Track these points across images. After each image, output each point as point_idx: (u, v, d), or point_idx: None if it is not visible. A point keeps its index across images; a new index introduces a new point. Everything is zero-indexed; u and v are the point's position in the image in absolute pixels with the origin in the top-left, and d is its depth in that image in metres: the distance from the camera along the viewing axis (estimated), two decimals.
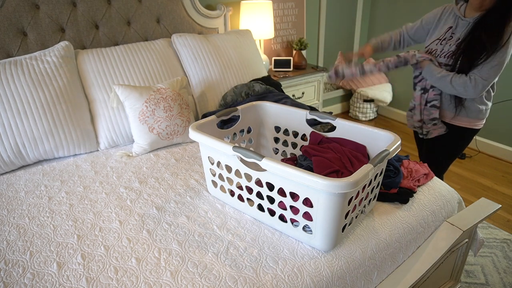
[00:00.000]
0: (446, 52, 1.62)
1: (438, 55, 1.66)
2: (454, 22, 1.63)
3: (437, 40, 1.68)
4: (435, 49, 1.68)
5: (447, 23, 1.67)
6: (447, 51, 1.62)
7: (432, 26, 1.74)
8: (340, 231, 1.06)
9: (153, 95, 1.71)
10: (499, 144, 3.01)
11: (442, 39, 1.66)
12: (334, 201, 0.96)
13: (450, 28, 1.64)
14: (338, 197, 0.95)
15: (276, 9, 2.96)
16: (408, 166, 1.43)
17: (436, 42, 1.68)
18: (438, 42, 1.67)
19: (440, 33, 1.68)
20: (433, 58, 1.65)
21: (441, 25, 1.69)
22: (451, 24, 1.64)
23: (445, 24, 1.67)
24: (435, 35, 1.71)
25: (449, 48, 1.62)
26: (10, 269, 1.03)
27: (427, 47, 1.72)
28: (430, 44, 1.71)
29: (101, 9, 2.00)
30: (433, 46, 1.69)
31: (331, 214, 0.99)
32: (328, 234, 1.03)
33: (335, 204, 0.97)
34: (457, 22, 1.62)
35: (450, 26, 1.65)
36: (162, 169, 1.56)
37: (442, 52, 1.64)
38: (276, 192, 1.08)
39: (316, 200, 0.99)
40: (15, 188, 1.44)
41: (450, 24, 1.65)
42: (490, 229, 2.17)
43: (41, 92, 1.60)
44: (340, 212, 0.99)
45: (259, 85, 2.11)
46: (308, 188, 0.98)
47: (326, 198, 0.96)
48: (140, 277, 1.00)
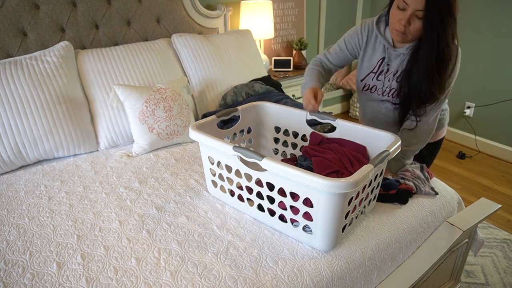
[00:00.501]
0: (389, 90, 1.45)
1: (381, 93, 1.48)
2: (385, 52, 1.42)
3: (372, 73, 1.48)
4: (373, 85, 1.49)
5: (377, 53, 1.45)
6: (389, 88, 1.45)
7: (360, 53, 1.51)
8: (340, 231, 1.06)
9: (153, 95, 1.71)
10: (499, 144, 3.01)
11: (377, 73, 1.47)
12: (334, 201, 0.96)
13: (383, 59, 1.44)
14: (338, 197, 0.95)
15: (276, 9, 2.96)
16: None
17: (371, 76, 1.49)
18: (373, 76, 1.48)
19: (371, 64, 1.48)
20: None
21: (369, 54, 1.48)
22: (383, 55, 1.43)
23: (374, 53, 1.46)
24: (365, 66, 1.50)
25: (390, 85, 1.45)
26: (10, 269, 1.03)
27: (363, 81, 1.53)
28: (365, 79, 1.51)
29: (101, 9, 2.00)
30: (369, 82, 1.50)
31: (331, 214, 0.99)
32: (328, 234, 1.03)
33: (335, 204, 0.97)
34: (388, 52, 1.41)
35: (382, 57, 1.44)
36: (162, 169, 1.56)
37: (384, 90, 1.47)
38: (276, 192, 1.08)
39: (316, 200, 0.99)
40: (15, 188, 1.44)
41: (381, 55, 1.44)
42: (490, 229, 2.17)
43: (41, 92, 1.60)
44: (340, 212, 0.99)
45: (259, 85, 2.11)
46: (308, 188, 0.98)
47: (326, 198, 0.96)
48: (140, 277, 1.00)
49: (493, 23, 2.81)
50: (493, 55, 2.87)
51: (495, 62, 2.88)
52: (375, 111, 1.56)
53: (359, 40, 1.49)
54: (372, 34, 1.46)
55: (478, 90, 3.04)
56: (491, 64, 2.90)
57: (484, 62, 2.93)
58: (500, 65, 2.86)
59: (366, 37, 1.47)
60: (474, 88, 3.05)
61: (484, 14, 2.84)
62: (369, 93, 1.53)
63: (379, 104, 1.53)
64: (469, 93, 3.09)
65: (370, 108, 1.59)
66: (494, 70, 2.90)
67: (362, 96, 1.61)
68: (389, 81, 1.45)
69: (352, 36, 1.51)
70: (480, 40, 2.92)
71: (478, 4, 2.84)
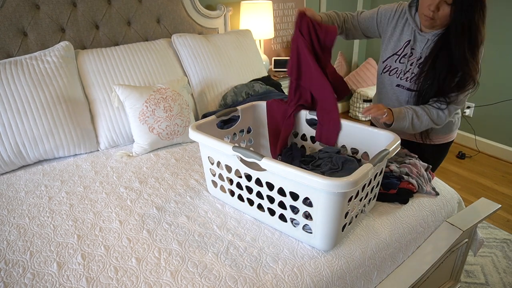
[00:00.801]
0: (410, 75, 1.45)
1: (399, 77, 1.48)
2: (411, 35, 1.44)
3: (396, 55, 1.48)
4: (395, 67, 1.49)
5: (404, 35, 1.46)
6: (410, 72, 1.45)
7: (388, 29, 1.51)
8: (340, 230, 1.06)
9: (153, 95, 1.71)
10: (499, 144, 3.01)
11: (401, 55, 1.47)
12: (334, 200, 0.96)
13: (409, 42, 1.44)
14: (338, 197, 0.96)
15: (276, 9, 2.96)
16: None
17: (394, 58, 1.49)
18: (397, 58, 1.48)
19: (397, 46, 1.48)
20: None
21: (397, 35, 1.48)
22: (409, 38, 1.44)
23: (402, 35, 1.47)
24: (391, 47, 1.50)
25: (411, 69, 1.44)
26: (10, 269, 1.04)
27: (385, 61, 1.52)
28: (388, 60, 1.51)
29: (101, 9, 2.00)
30: (391, 63, 1.50)
31: (331, 214, 0.99)
32: (328, 233, 1.03)
33: (335, 204, 0.97)
34: (414, 35, 1.43)
35: (408, 40, 1.45)
36: (162, 169, 1.56)
37: (405, 73, 1.46)
38: (276, 191, 1.08)
39: (316, 200, 0.99)
40: (15, 188, 1.44)
41: (408, 38, 1.45)
42: (490, 229, 2.17)
43: (41, 92, 1.60)
44: (340, 211, 0.99)
45: (259, 85, 2.11)
46: (308, 188, 0.98)
47: (326, 197, 0.96)
48: (140, 277, 1.00)
49: (493, 23, 2.81)
50: (493, 55, 2.87)
51: (495, 62, 2.88)
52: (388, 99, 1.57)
53: (391, 17, 1.50)
54: (404, 16, 1.47)
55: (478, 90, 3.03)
56: (491, 64, 2.90)
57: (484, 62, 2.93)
58: (500, 65, 2.86)
59: (398, 17, 1.48)
60: None
61: None
62: (388, 75, 1.53)
63: (394, 90, 1.52)
64: None
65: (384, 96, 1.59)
66: (494, 70, 2.90)
67: (379, 81, 1.60)
68: (411, 65, 1.45)
69: (386, 10, 1.52)
70: None
71: None
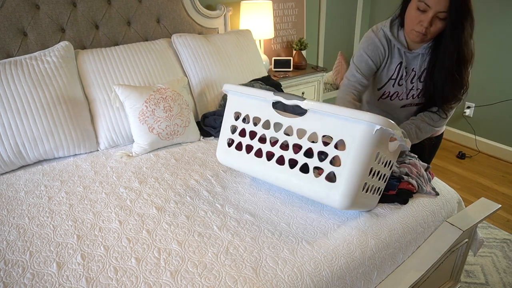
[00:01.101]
0: (415, 92, 1.45)
1: (405, 97, 1.48)
2: (401, 56, 1.42)
3: (391, 80, 1.46)
4: (395, 92, 1.48)
5: (394, 59, 1.44)
6: (414, 89, 1.45)
7: (383, 62, 1.47)
8: (362, 186, 1.04)
9: (153, 95, 1.71)
10: (499, 144, 3.01)
11: (397, 79, 1.45)
12: (368, 143, 0.99)
13: (400, 64, 1.43)
14: (372, 140, 0.99)
15: (276, 9, 2.96)
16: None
17: (391, 83, 1.47)
18: (393, 82, 1.46)
19: (390, 71, 1.46)
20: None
21: (388, 62, 1.46)
22: (399, 60, 1.43)
23: (392, 60, 1.44)
24: (384, 74, 1.48)
25: (415, 86, 1.44)
26: (10, 269, 1.04)
27: (381, 89, 1.50)
28: (385, 86, 1.48)
29: (101, 9, 2.00)
30: (389, 89, 1.48)
31: (362, 158, 1.00)
32: (352, 184, 1.02)
33: (368, 148, 0.99)
34: (405, 56, 1.41)
35: (399, 62, 1.43)
36: (162, 169, 1.56)
37: (408, 93, 1.47)
38: (306, 139, 1.08)
39: (350, 141, 1.00)
40: (15, 188, 1.44)
41: (398, 60, 1.43)
42: (490, 229, 2.17)
43: (41, 92, 1.60)
44: (369, 159, 1.00)
45: (259, 85, 2.11)
46: (346, 128, 1.01)
47: (362, 136, 0.99)
48: (140, 277, 1.00)
49: (493, 23, 2.81)
50: (493, 55, 2.87)
51: (495, 62, 2.88)
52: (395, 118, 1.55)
53: (382, 49, 1.43)
54: (388, 41, 1.42)
55: (478, 90, 3.04)
56: (491, 64, 2.90)
57: (484, 62, 2.93)
58: (500, 65, 2.86)
59: (387, 45, 1.42)
60: (474, 88, 3.05)
61: (484, 14, 2.84)
62: (389, 101, 1.51)
63: (398, 111, 1.51)
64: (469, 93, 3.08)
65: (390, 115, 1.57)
66: (494, 70, 2.90)
67: (375, 106, 1.58)
68: (412, 83, 1.44)
69: (372, 46, 1.43)
70: (480, 40, 2.92)
71: (478, 4, 2.84)
